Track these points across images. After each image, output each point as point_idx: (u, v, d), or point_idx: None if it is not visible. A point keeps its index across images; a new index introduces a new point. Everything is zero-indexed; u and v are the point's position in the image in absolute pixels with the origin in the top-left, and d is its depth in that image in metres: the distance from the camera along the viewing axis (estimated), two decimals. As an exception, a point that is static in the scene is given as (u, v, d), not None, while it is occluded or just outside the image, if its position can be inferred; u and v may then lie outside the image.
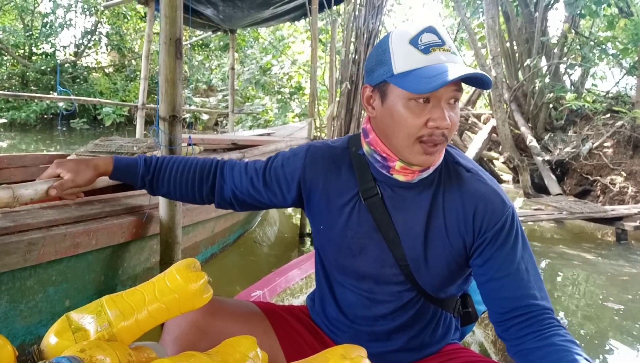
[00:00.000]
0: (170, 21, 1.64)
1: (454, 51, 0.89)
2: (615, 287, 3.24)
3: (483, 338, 1.62)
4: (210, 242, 2.73)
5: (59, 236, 1.32)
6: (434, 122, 0.88)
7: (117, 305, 0.71)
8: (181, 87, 1.72)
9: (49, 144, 10.04)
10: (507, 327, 0.92)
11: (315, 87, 4.56)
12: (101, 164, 1.18)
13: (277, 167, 1.13)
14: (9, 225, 1.23)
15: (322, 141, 1.14)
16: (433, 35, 0.88)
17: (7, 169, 2.83)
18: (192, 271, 0.76)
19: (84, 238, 1.40)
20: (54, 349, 0.66)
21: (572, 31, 7.82)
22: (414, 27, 0.91)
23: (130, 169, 1.19)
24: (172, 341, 0.98)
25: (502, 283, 0.92)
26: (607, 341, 2.44)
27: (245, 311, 1.12)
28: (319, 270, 1.16)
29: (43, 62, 14.03)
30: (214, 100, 12.43)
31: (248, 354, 0.75)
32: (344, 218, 1.04)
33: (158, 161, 1.22)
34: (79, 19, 14.88)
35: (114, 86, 14.47)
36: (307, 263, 1.96)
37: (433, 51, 0.87)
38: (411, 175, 0.97)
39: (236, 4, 4.87)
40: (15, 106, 12.78)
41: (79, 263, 1.48)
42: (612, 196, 6.04)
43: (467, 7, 10.25)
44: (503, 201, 0.96)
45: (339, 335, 1.12)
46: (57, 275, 1.42)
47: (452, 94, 0.89)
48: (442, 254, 0.99)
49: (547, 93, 7.65)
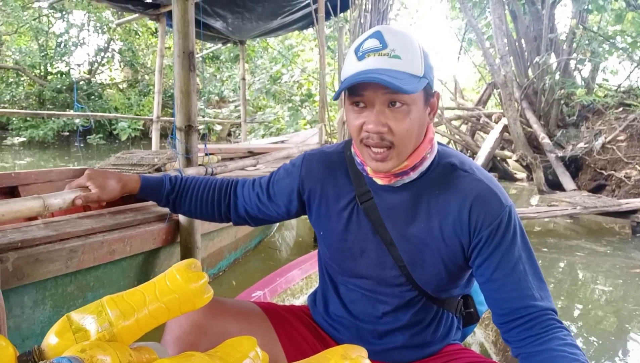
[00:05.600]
0: (183, 35, 1.73)
1: (394, 55, 0.87)
2: (634, 281, 3.25)
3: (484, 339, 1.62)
4: (234, 247, 2.81)
5: (97, 244, 1.41)
6: (366, 125, 0.90)
7: (117, 305, 0.71)
8: (195, 98, 1.80)
9: (67, 161, 10.24)
10: (508, 329, 0.92)
11: (325, 93, 4.64)
12: (129, 183, 1.24)
13: (279, 180, 1.17)
14: (52, 234, 1.32)
15: (318, 148, 1.17)
16: (375, 41, 0.89)
17: (35, 184, 2.96)
18: (192, 272, 0.76)
19: (119, 245, 1.49)
20: (54, 349, 0.65)
21: (580, 27, 7.80)
22: (365, 35, 0.93)
23: (156, 189, 1.26)
24: (173, 341, 0.99)
25: (500, 283, 0.92)
26: (627, 335, 2.45)
27: (246, 311, 1.12)
28: (322, 271, 1.19)
29: (59, 80, 14.33)
30: (226, 111, 12.56)
31: (249, 354, 0.74)
32: (343, 222, 1.05)
33: (182, 181, 1.28)
34: (92, 37, 15.25)
35: (128, 101, 14.70)
36: (308, 263, 1.96)
37: (367, 56, 0.88)
38: (386, 179, 0.98)
39: (244, 16, 4.96)
40: (33, 124, 13.05)
41: (115, 269, 1.57)
42: (627, 189, 6.00)
43: (474, 8, 10.29)
44: (499, 200, 0.94)
45: (341, 332, 1.13)
46: (94, 281, 1.51)
47: (385, 97, 0.88)
48: (438, 256, 0.98)
49: (558, 90, 7.63)
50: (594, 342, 2.35)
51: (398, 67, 0.87)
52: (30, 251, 1.23)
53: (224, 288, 2.67)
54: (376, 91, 0.88)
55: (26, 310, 1.31)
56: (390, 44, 0.88)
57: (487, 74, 10.74)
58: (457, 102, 10.63)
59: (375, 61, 0.87)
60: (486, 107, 10.49)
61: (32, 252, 1.24)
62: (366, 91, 0.89)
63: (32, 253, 1.23)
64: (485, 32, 9.84)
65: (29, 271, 1.23)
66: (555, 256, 3.80)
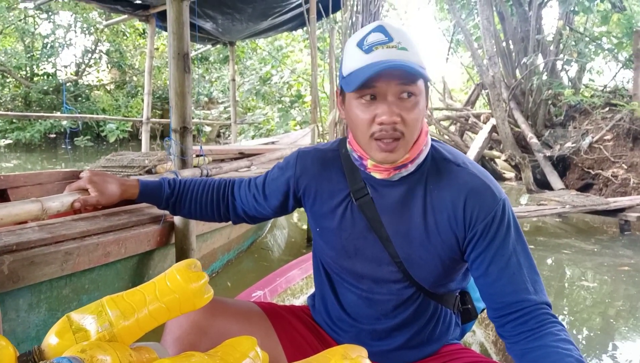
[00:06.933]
0: (178, 37, 1.72)
1: (402, 47, 0.88)
2: (620, 278, 3.30)
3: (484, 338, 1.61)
4: (227, 249, 2.80)
5: (92, 246, 1.40)
6: (380, 117, 0.89)
7: (117, 305, 0.70)
8: (190, 100, 1.80)
9: (55, 163, 10.14)
10: (502, 323, 0.92)
11: (317, 94, 4.65)
12: (129, 188, 1.25)
13: (274, 179, 1.17)
14: (47, 236, 1.30)
15: (312, 146, 1.16)
16: (380, 34, 0.89)
17: (24, 186, 2.92)
18: (192, 272, 0.76)
19: (114, 247, 1.48)
20: (54, 349, 0.65)
21: (567, 28, 7.91)
22: (365, 29, 0.92)
23: (156, 193, 1.26)
24: (173, 341, 0.99)
25: (495, 277, 0.92)
26: (615, 331, 2.49)
27: (246, 311, 1.12)
28: (318, 271, 1.18)
29: (45, 82, 14.16)
30: (215, 112, 12.52)
31: (249, 354, 0.74)
32: (337, 220, 1.05)
33: (181, 184, 1.28)
34: (79, 38, 15.05)
35: (116, 103, 14.58)
36: (308, 263, 1.95)
37: (375, 49, 0.88)
38: (386, 173, 0.97)
39: (235, 17, 4.95)
40: (19, 126, 12.90)
41: (109, 271, 1.56)
42: (614, 188, 6.09)
43: (462, 9, 10.37)
44: (493, 193, 0.94)
45: (341, 334, 1.13)
46: (89, 283, 1.50)
47: (398, 88, 0.88)
48: (435, 250, 0.98)
49: (545, 90, 7.71)
50: (582, 337, 2.38)
51: (408, 59, 0.87)
52: (25, 254, 1.22)
53: (219, 289, 2.66)
54: (389, 82, 0.88)
55: (21, 313, 1.30)
56: (395, 37, 0.89)
57: (476, 75, 10.83)
58: (445, 103, 10.70)
59: (386, 53, 0.87)
60: (474, 107, 10.57)
61: (28, 255, 1.22)
62: (378, 83, 0.88)
63: (28, 256, 1.22)
64: (474, 33, 9.92)
65: (24, 274, 1.22)
66: (544, 254, 3.84)
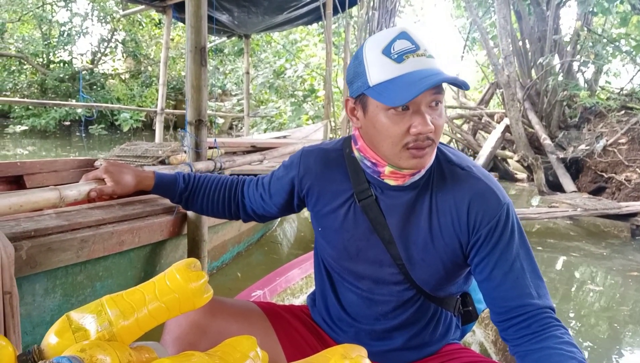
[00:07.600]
0: (195, 30, 1.74)
1: (429, 54, 0.87)
2: (628, 284, 3.28)
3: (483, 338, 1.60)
4: (237, 241, 2.83)
5: (107, 234, 1.43)
6: (416, 128, 0.86)
7: (117, 304, 0.70)
8: (206, 93, 1.82)
9: (69, 150, 10.25)
10: (505, 327, 0.92)
11: (331, 89, 4.65)
12: (144, 180, 1.28)
13: (279, 178, 1.18)
14: (64, 224, 1.34)
15: (316, 145, 1.16)
16: (406, 42, 0.86)
17: (40, 173, 2.98)
18: (192, 271, 0.76)
19: (128, 236, 1.51)
20: (54, 349, 0.65)
21: (585, 29, 7.81)
22: (387, 35, 0.89)
23: (170, 187, 1.29)
24: (173, 341, 0.98)
25: (499, 282, 0.92)
26: (622, 337, 2.48)
27: (246, 311, 1.12)
28: (319, 271, 1.17)
29: (61, 70, 14.33)
30: (228, 104, 12.57)
31: (248, 354, 0.73)
32: (339, 220, 1.04)
33: (195, 179, 1.30)
34: (96, 26, 15.22)
35: (130, 92, 14.71)
36: (308, 262, 1.94)
37: (407, 58, 0.85)
38: (402, 179, 0.96)
39: (251, 10, 4.97)
40: (35, 113, 13.06)
41: (123, 259, 1.59)
42: (627, 192, 6.03)
43: (479, 7, 10.28)
44: (497, 197, 0.94)
45: (340, 334, 1.12)
46: (103, 270, 1.53)
47: (431, 98, 0.87)
48: (437, 254, 0.98)
49: (561, 91, 7.64)
50: (588, 342, 2.38)
51: (437, 67, 0.87)
52: (43, 240, 1.25)
53: (228, 279, 2.69)
54: (425, 93, 0.85)
55: (37, 298, 1.33)
56: (420, 44, 0.87)
57: (490, 74, 10.75)
58: (459, 101, 10.64)
59: (418, 62, 0.86)
60: (488, 106, 10.50)
61: (45, 241, 1.25)
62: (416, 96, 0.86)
63: (45, 242, 1.25)
64: (490, 32, 9.85)
65: (41, 259, 1.25)
66: (553, 256, 3.83)
